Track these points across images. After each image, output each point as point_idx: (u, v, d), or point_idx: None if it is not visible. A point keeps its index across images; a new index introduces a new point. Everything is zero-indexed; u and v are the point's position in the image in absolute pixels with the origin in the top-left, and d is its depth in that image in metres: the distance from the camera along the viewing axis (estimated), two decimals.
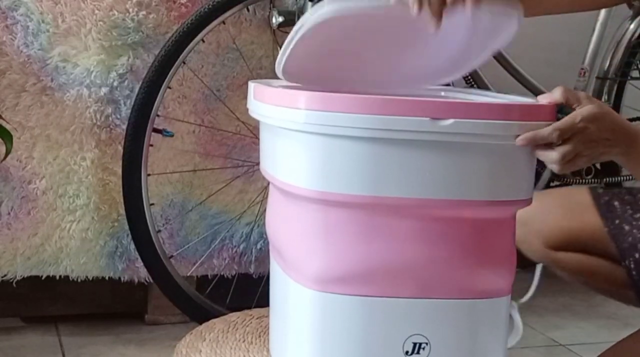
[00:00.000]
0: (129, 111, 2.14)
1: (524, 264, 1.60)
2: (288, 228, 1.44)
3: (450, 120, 1.30)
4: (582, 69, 2.48)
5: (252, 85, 1.50)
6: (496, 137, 1.33)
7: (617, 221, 1.64)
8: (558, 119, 1.37)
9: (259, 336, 1.60)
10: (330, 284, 1.36)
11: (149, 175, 2.16)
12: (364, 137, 1.31)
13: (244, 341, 1.60)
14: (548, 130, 1.34)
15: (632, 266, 1.61)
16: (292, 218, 1.42)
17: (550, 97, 1.38)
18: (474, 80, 2.29)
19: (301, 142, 1.35)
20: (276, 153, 1.43)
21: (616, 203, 1.67)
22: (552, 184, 2.25)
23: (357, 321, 1.36)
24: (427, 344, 1.37)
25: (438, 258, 1.36)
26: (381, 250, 1.35)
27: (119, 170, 2.15)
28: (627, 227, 1.64)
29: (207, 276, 2.31)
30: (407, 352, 1.37)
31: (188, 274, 2.27)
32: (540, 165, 2.25)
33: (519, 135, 1.34)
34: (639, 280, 1.62)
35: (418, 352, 1.37)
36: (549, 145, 1.35)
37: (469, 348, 1.40)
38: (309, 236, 1.38)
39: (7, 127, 1.97)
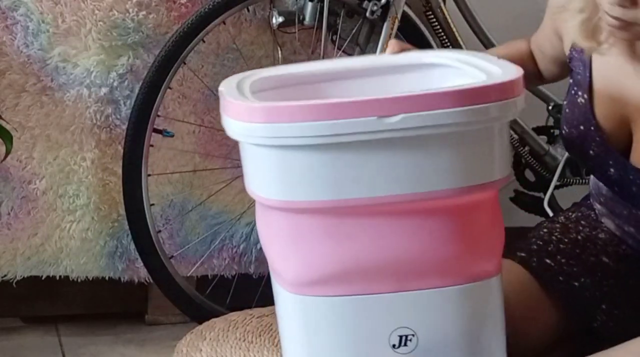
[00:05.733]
0: (129, 111, 2.14)
1: None
2: (266, 234, 1.45)
3: (399, 116, 1.28)
4: None
5: (220, 90, 1.46)
6: (449, 126, 1.30)
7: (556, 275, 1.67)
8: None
9: (259, 335, 1.60)
10: (306, 287, 1.37)
11: (149, 175, 2.16)
12: (316, 144, 1.30)
13: (244, 340, 1.60)
14: None
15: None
16: (267, 225, 1.43)
17: None
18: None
19: (259, 154, 1.35)
20: (244, 163, 1.43)
21: (548, 260, 1.68)
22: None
23: (338, 321, 1.36)
24: (413, 335, 1.36)
25: (413, 252, 1.35)
26: (353, 250, 1.34)
27: (119, 171, 2.15)
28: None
29: (207, 276, 2.31)
30: (394, 346, 1.36)
31: (188, 274, 2.27)
32: (547, 171, 2.27)
33: (473, 121, 1.31)
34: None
35: (405, 345, 1.36)
36: None
37: (460, 332, 1.38)
38: (281, 242, 1.39)
39: (7, 127, 1.97)
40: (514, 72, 1.38)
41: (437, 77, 1.53)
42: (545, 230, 1.74)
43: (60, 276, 2.22)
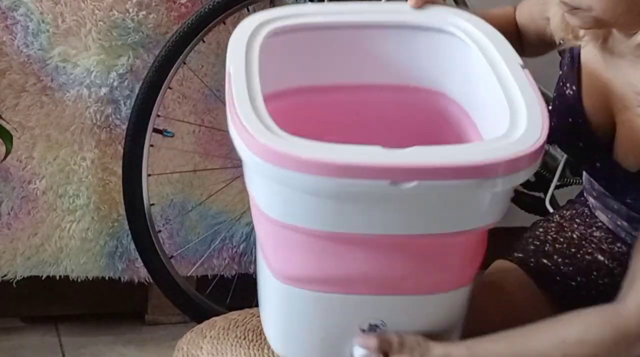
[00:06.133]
0: (129, 111, 2.14)
1: None
2: (257, 228, 1.48)
3: (413, 183, 1.27)
4: None
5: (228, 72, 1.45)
6: (457, 192, 1.31)
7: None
8: None
9: (260, 334, 1.60)
10: (291, 280, 1.40)
11: (149, 175, 2.16)
12: (321, 193, 1.30)
13: (244, 339, 1.60)
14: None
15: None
16: (258, 222, 1.45)
17: (365, 343, 1.40)
18: None
19: (261, 178, 1.35)
20: (246, 173, 1.44)
21: (545, 260, 1.68)
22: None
23: (316, 310, 1.42)
24: (383, 324, 1.42)
25: (393, 274, 1.39)
26: (338, 267, 1.38)
27: (119, 171, 2.15)
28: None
29: (207, 276, 2.31)
30: (363, 330, 1.42)
31: (188, 274, 2.27)
32: (547, 171, 2.27)
33: (481, 190, 1.31)
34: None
35: (374, 331, 1.42)
36: None
37: (426, 327, 1.44)
38: (271, 243, 1.43)
39: (7, 127, 1.97)
40: (538, 130, 1.35)
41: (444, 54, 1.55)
42: (541, 230, 1.74)
43: (60, 276, 2.22)
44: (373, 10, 1.57)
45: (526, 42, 1.74)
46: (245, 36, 1.50)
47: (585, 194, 1.74)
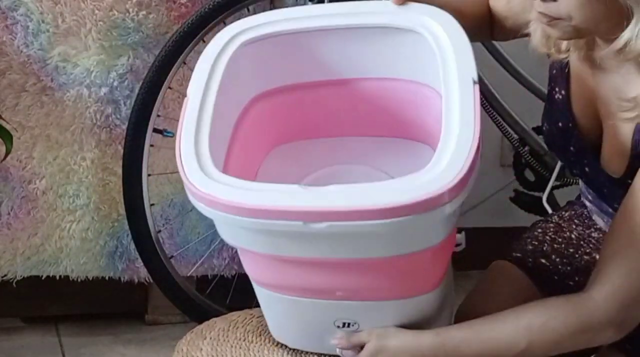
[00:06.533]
0: (129, 111, 2.14)
1: None
2: None
3: (324, 224, 1.33)
4: None
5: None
6: (377, 230, 1.34)
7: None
8: None
9: (260, 335, 1.60)
10: (262, 284, 1.52)
11: (149, 175, 2.16)
12: (248, 228, 1.39)
13: (244, 340, 1.60)
14: None
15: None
16: None
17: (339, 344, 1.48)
18: None
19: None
20: None
21: (543, 260, 1.69)
22: (553, 184, 2.25)
23: (291, 309, 1.52)
24: (355, 323, 1.49)
25: (349, 287, 1.45)
26: (296, 279, 1.46)
27: (119, 170, 2.15)
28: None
29: (207, 276, 2.31)
30: (338, 327, 1.50)
31: (188, 274, 2.27)
32: (547, 171, 2.27)
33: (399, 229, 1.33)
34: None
35: (348, 327, 1.50)
36: None
37: (397, 324, 1.50)
38: (240, 254, 1.54)
39: (7, 127, 1.98)
40: (458, 167, 1.36)
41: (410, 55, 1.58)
42: (539, 230, 1.74)
43: (60, 276, 2.22)
44: (349, 13, 1.61)
45: (498, 29, 1.73)
46: (215, 49, 1.57)
47: (582, 198, 1.75)
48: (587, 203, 1.72)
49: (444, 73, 1.47)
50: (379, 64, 1.62)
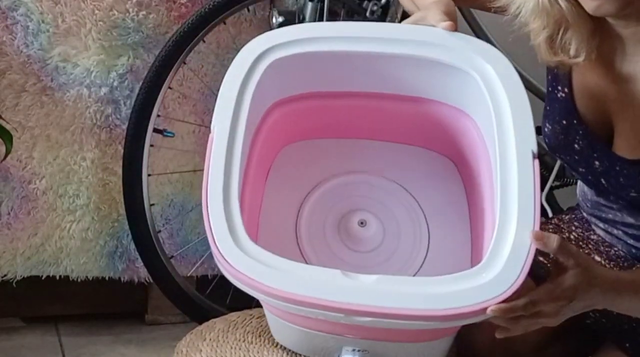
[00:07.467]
0: (129, 111, 2.14)
1: None
2: None
3: (368, 319, 1.31)
4: None
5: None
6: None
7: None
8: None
9: (259, 336, 1.61)
10: (280, 317, 1.51)
11: (149, 175, 2.16)
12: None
13: (244, 341, 1.60)
14: (522, 302, 1.33)
15: None
16: None
17: (543, 244, 1.34)
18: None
19: None
20: None
21: (541, 258, 1.68)
22: (553, 184, 2.25)
23: (303, 336, 1.49)
24: (366, 351, 1.47)
25: (381, 337, 1.44)
26: (330, 329, 1.44)
27: (119, 170, 2.15)
28: None
29: (207, 276, 2.30)
30: (347, 351, 1.47)
31: (188, 274, 2.27)
32: (547, 171, 2.26)
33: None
34: None
35: (359, 352, 1.47)
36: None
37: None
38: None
39: (7, 127, 1.98)
40: (518, 270, 1.35)
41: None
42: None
43: (60, 276, 2.22)
44: (392, 39, 1.51)
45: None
46: (241, 71, 1.50)
47: (580, 209, 1.75)
48: (585, 215, 1.73)
49: (500, 144, 1.40)
50: (416, 86, 1.58)
